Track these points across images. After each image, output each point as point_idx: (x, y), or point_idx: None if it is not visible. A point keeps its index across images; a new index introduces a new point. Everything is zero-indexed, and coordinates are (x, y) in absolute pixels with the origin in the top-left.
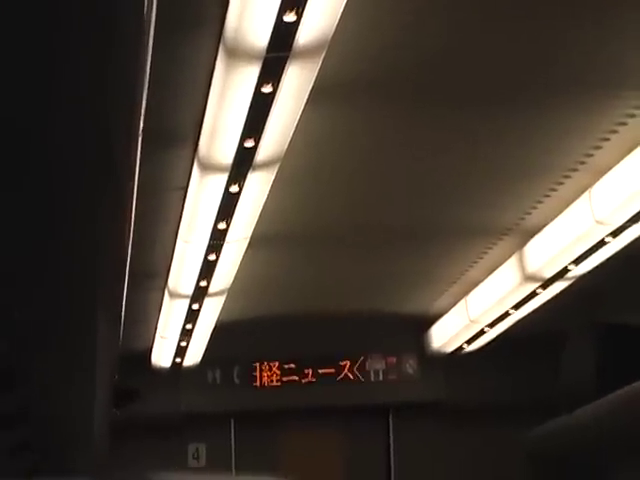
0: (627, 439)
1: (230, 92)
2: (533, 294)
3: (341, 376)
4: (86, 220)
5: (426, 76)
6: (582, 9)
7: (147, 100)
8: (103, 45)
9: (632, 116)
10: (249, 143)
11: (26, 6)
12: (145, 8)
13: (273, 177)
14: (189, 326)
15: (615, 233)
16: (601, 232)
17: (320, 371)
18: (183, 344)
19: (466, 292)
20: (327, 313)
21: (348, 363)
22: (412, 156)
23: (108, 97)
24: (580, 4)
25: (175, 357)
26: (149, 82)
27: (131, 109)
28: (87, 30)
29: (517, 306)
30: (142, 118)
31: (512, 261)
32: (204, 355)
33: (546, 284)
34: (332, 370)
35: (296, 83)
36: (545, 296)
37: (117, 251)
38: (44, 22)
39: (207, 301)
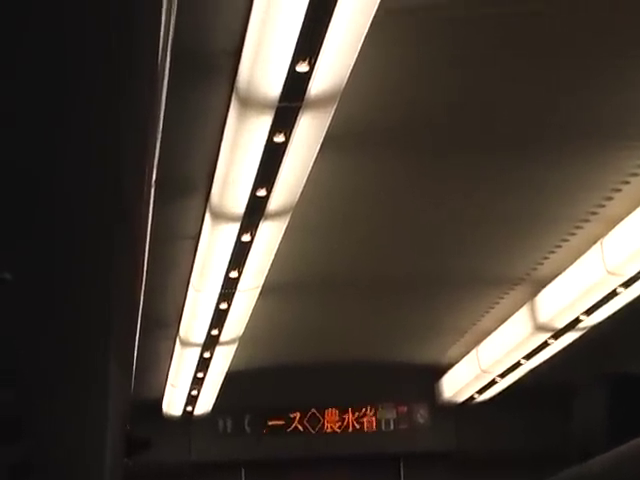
0: None
1: (242, 141)
2: (544, 344)
3: (352, 425)
4: (98, 268)
5: (438, 127)
6: (594, 62)
7: (160, 149)
8: (116, 94)
9: None
10: (261, 192)
11: (40, 58)
12: (159, 58)
13: (285, 226)
14: (200, 375)
15: (627, 284)
16: (613, 283)
17: (330, 420)
18: (194, 393)
19: (477, 342)
20: (338, 362)
21: (359, 412)
22: (424, 206)
23: (121, 146)
24: (591, 58)
25: (186, 406)
26: (162, 131)
27: (144, 158)
28: (100, 79)
29: (528, 356)
30: (155, 167)
31: (523, 311)
32: (215, 404)
33: (557, 334)
34: (343, 419)
35: (308, 133)
36: (556, 346)
37: (129, 299)
38: (58, 73)
39: (218, 350)
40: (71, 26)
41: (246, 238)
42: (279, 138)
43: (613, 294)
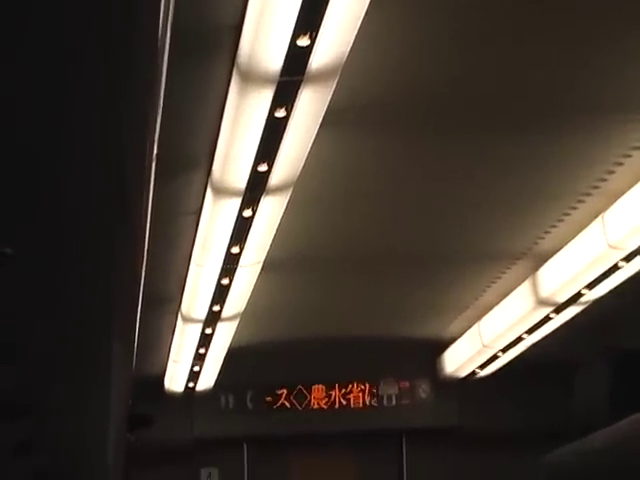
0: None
1: (243, 116)
2: (546, 319)
3: (354, 401)
4: (99, 244)
5: (439, 103)
6: (595, 36)
7: (160, 125)
8: (116, 72)
9: None
10: (262, 167)
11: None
12: (159, 33)
13: (286, 201)
14: (202, 351)
15: (628, 258)
16: (614, 257)
17: (333, 396)
18: (196, 369)
19: (479, 317)
20: (340, 338)
21: (361, 388)
22: (425, 182)
23: (121, 122)
24: (593, 31)
25: (188, 382)
26: (162, 107)
27: (144, 134)
28: (100, 57)
29: (530, 331)
30: (156, 143)
31: (525, 286)
32: (217, 380)
33: (559, 309)
34: (345, 395)
35: (309, 107)
36: (558, 321)
37: (131, 275)
38: (56, 52)
39: (220, 325)
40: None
41: (247, 213)
42: (280, 113)
43: (615, 268)
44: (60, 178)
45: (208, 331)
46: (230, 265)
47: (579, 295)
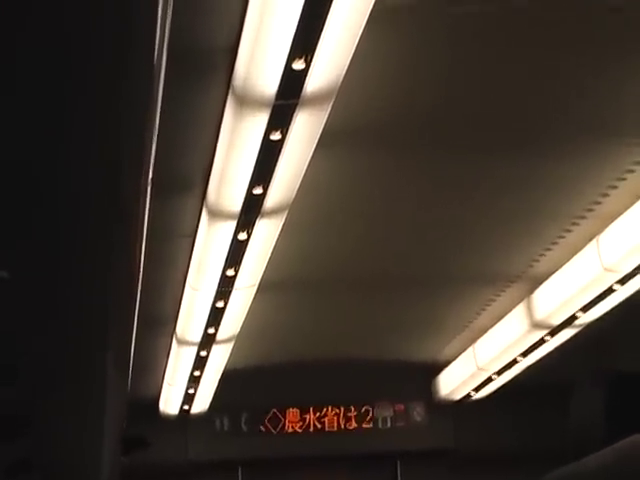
0: None
1: (239, 139)
2: (541, 341)
3: (349, 424)
4: (95, 266)
5: (434, 124)
6: (590, 59)
7: (156, 147)
8: (112, 92)
9: None
10: (257, 190)
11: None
12: (155, 55)
13: (281, 224)
14: (197, 373)
15: (623, 280)
16: (609, 279)
17: (327, 419)
18: (191, 391)
19: (474, 339)
20: (335, 360)
21: (355, 411)
22: (419, 204)
23: (117, 144)
24: (588, 55)
25: (183, 404)
26: (158, 129)
27: (140, 156)
28: (97, 78)
29: (525, 353)
30: (151, 165)
31: (520, 308)
32: (212, 402)
33: (554, 332)
34: (339, 418)
35: (305, 130)
36: (553, 344)
37: (126, 297)
38: (54, 72)
39: (215, 348)
40: (67, 26)
41: (242, 236)
42: (275, 136)
43: (609, 291)
44: (56, 199)
45: (203, 354)
46: (225, 288)
47: (574, 318)
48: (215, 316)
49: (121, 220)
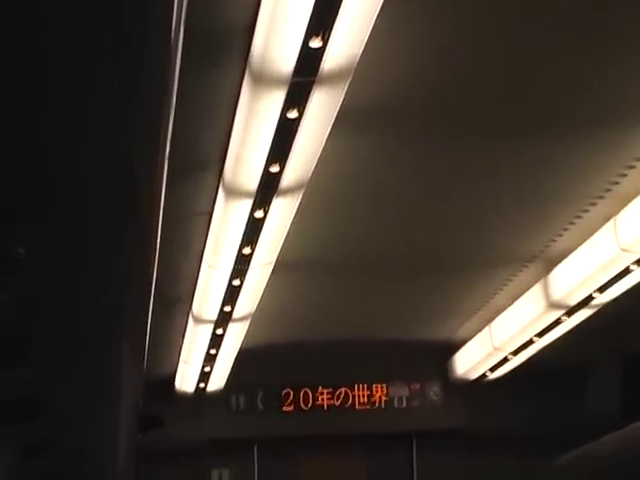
0: None
1: (256, 117)
2: (557, 322)
3: (365, 402)
4: (111, 247)
5: (451, 106)
6: (608, 42)
7: (173, 126)
8: (129, 73)
9: None
10: (274, 168)
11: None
12: (172, 35)
13: (298, 202)
14: (213, 351)
15: None
16: (626, 260)
17: (344, 397)
18: (207, 369)
19: (490, 320)
20: (350, 339)
21: (372, 389)
22: (436, 185)
23: (134, 124)
24: (606, 38)
25: (199, 382)
26: (175, 108)
27: (157, 135)
28: (114, 58)
29: (541, 334)
30: (168, 144)
31: (536, 289)
32: (228, 380)
33: (570, 312)
34: (356, 397)
35: (321, 109)
36: (569, 324)
37: (142, 276)
38: (72, 52)
39: (231, 326)
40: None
41: (259, 214)
42: (292, 114)
43: (626, 271)
44: (73, 180)
45: (219, 332)
46: (241, 266)
47: (590, 298)
48: (231, 294)
49: (138, 199)
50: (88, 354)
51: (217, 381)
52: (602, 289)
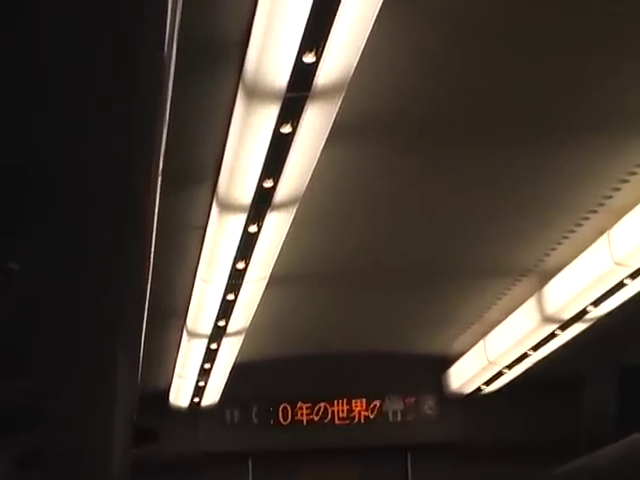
0: None
1: (249, 132)
2: (552, 335)
3: (359, 416)
4: (106, 260)
5: (445, 118)
6: (602, 56)
7: (167, 139)
8: (123, 85)
9: None
10: (268, 183)
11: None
12: (165, 47)
13: (292, 217)
14: (207, 366)
15: (634, 275)
16: (620, 274)
17: (338, 411)
18: (201, 384)
19: (485, 333)
20: (345, 353)
21: (366, 403)
22: (430, 198)
23: (128, 136)
24: (600, 51)
25: (193, 397)
26: (169, 122)
27: (151, 149)
28: (108, 70)
29: (535, 347)
30: (162, 158)
31: (531, 302)
32: (222, 395)
33: (565, 325)
34: (350, 410)
35: (315, 123)
36: (564, 338)
37: (136, 290)
38: (66, 62)
39: (225, 341)
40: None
41: (253, 229)
42: (286, 129)
43: (620, 285)
44: (67, 192)
45: (213, 346)
46: (235, 280)
47: (584, 312)
48: (225, 309)
49: (132, 213)
50: (83, 366)
51: (212, 395)
52: (596, 303)
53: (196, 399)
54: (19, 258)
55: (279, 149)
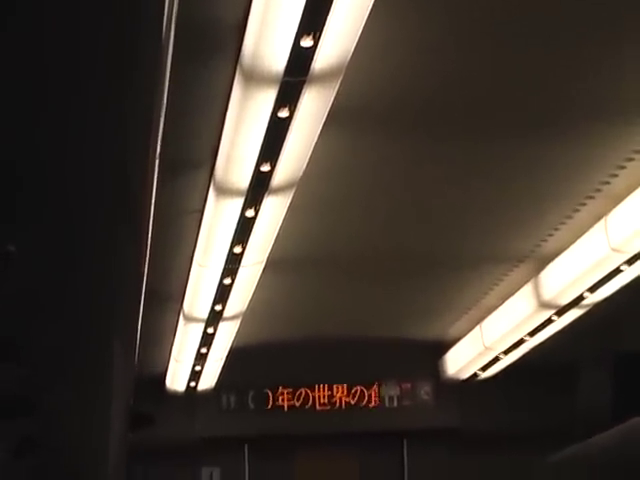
0: None
1: (247, 116)
2: (548, 321)
3: (355, 402)
4: (103, 245)
5: (442, 105)
6: (599, 43)
7: (164, 125)
8: (120, 72)
9: None
10: (265, 167)
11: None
12: (162, 33)
13: (289, 201)
14: (204, 350)
15: (631, 261)
16: (617, 260)
17: (335, 396)
18: (198, 368)
19: (481, 319)
20: (342, 338)
21: (363, 389)
22: (426, 184)
23: (124, 121)
24: (597, 39)
25: (189, 381)
26: (166, 107)
27: (147, 133)
28: (105, 58)
29: (532, 333)
30: (159, 143)
31: (527, 288)
32: (219, 379)
33: (561, 311)
34: (347, 395)
35: (312, 108)
36: (560, 323)
37: (133, 275)
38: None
39: (222, 325)
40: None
41: (250, 213)
42: (283, 113)
43: (617, 271)
44: (64, 178)
45: (210, 331)
46: (232, 265)
47: (581, 298)
48: (222, 293)
49: (128, 197)
50: (79, 352)
51: (208, 380)
52: (593, 289)
53: (192, 384)
54: (17, 244)
55: (276, 133)
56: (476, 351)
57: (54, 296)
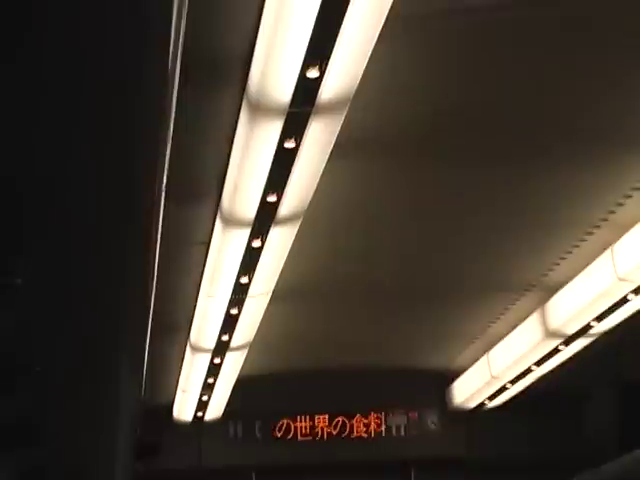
0: None
1: (253, 147)
2: (555, 350)
3: (363, 431)
4: (110, 275)
5: (448, 134)
6: (605, 72)
7: (170, 156)
8: (127, 101)
9: None
10: (271, 198)
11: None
12: (169, 64)
13: (295, 232)
14: (211, 380)
15: (638, 290)
16: (624, 289)
17: (342, 425)
18: (204, 398)
19: (488, 348)
20: (349, 368)
21: (370, 418)
22: (434, 213)
23: (132, 152)
24: (604, 65)
25: (196, 411)
26: (173, 136)
27: (155, 164)
28: (112, 88)
29: (539, 362)
30: (166, 173)
31: (534, 317)
32: (225, 409)
33: (568, 341)
34: (354, 425)
35: (319, 138)
36: (567, 353)
37: (140, 304)
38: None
39: (229, 355)
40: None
41: (257, 244)
42: (290, 144)
43: (624, 300)
44: (72, 208)
45: (217, 361)
46: (239, 295)
47: (588, 327)
48: (229, 323)
49: (136, 227)
50: (86, 382)
51: (215, 410)
52: (600, 318)
53: (199, 413)
54: (26, 272)
55: (283, 164)
56: (483, 380)
57: (61, 324)
